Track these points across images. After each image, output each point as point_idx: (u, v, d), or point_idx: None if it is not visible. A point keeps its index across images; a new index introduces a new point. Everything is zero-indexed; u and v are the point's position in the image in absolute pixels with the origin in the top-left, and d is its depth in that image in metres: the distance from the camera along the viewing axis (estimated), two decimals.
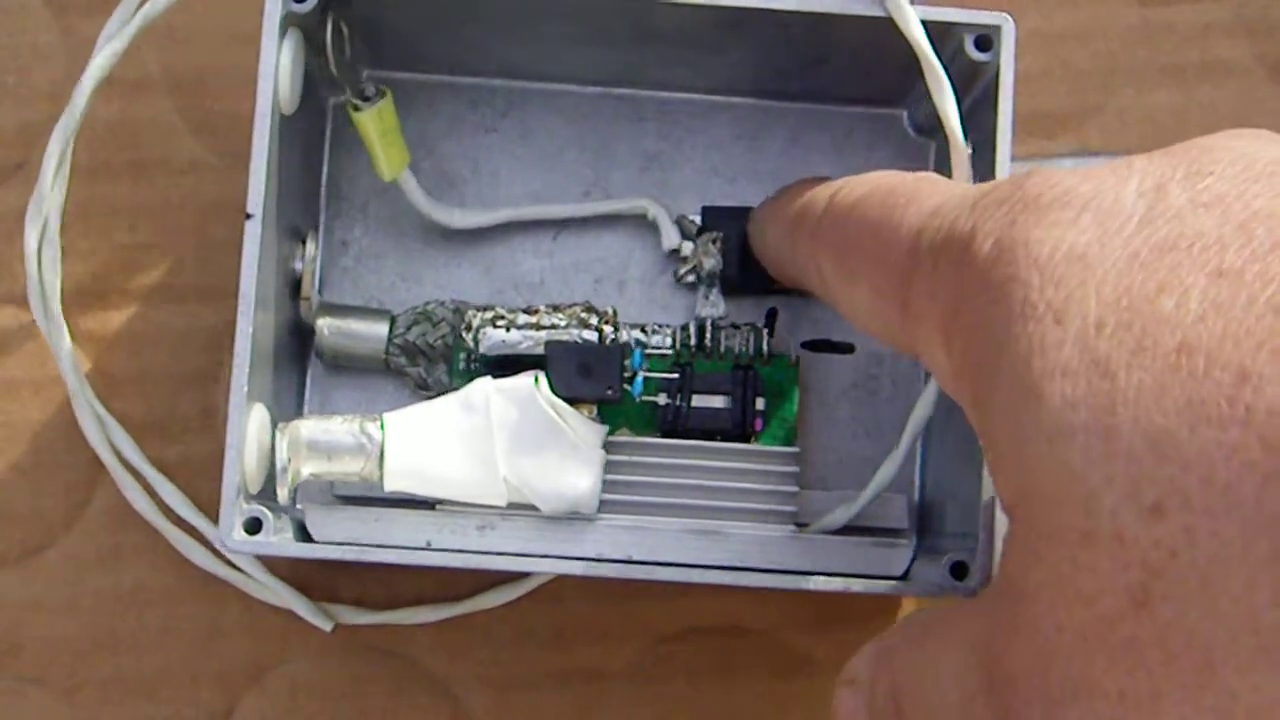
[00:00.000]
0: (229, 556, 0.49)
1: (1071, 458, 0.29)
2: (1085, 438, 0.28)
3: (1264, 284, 0.28)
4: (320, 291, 0.49)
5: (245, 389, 0.41)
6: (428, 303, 0.48)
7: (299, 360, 0.49)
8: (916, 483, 0.49)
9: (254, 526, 0.41)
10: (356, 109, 0.46)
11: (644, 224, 0.50)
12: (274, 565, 0.49)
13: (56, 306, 0.48)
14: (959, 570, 0.42)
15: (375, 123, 0.46)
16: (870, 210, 0.38)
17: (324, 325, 0.47)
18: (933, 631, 0.35)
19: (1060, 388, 0.29)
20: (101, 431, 0.49)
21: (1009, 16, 0.43)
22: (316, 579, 0.50)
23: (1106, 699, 0.28)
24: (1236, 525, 0.26)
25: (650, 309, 0.50)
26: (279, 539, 0.41)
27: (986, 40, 0.43)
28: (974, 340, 0.32)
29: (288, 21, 0.43)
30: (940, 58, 0.42)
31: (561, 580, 0.50)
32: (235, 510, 0.41)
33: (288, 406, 0.47)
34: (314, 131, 0.49)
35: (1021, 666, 0.30)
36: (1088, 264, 0.30)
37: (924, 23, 0.42)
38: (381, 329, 0.48)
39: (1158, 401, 0.28)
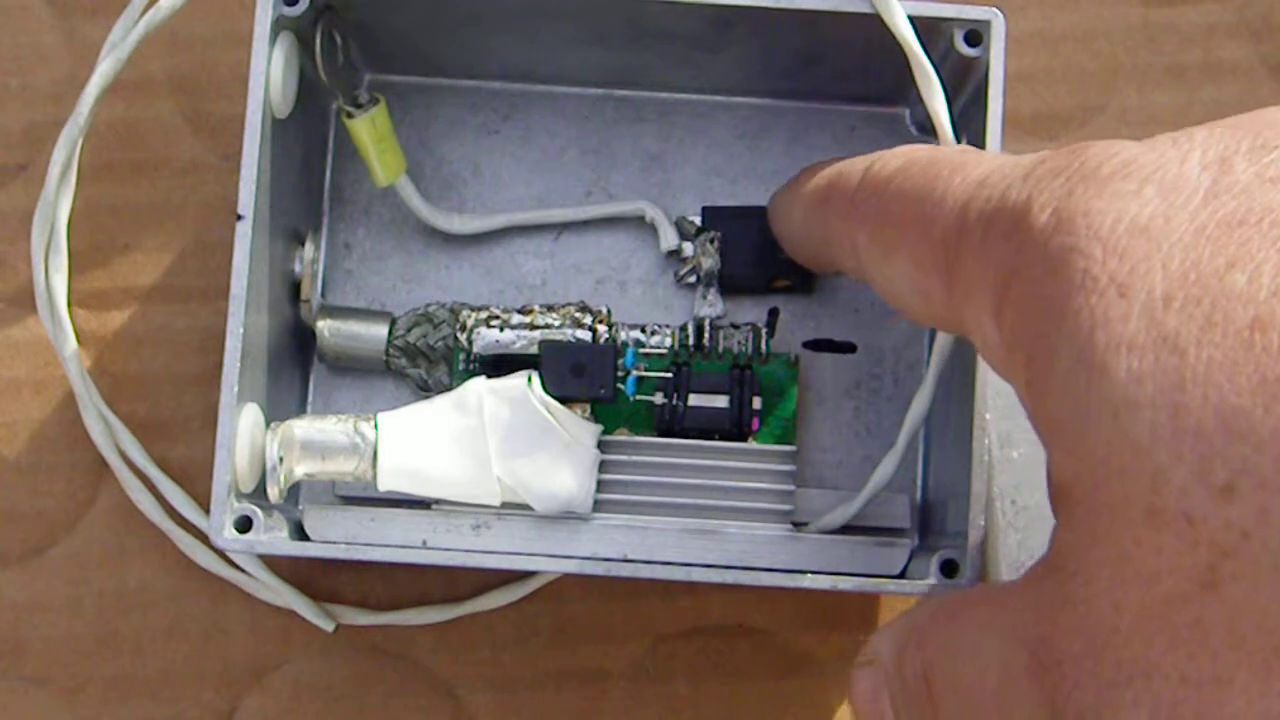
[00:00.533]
0: (231, 556, 0.49)
1: (1139, 434, 0.28)
2: (1153, 414, 0.28)
3: None
4: (323, 293, 0.49)
5: (235, 389, 0.41)
6: (428, 305, 0.48)
7: (302, 362, 0.49)
8: (919, 482, 0.49)
9: (245, 525, 0.41)
10: (349, 116, 0.46)
11: (645, 224, 0.49)
12: (276, 566, 0.49)
13: (63, 309, 0.49)
14: (949, 568, 0.41)
15: (368, 130, 0.46)
16: (910, 181, 0.37)
17: (324, 327, 0.48)
18: (969, 612, 0.34)
19: (1126, 362, 0.28)
20: (107, 432, 0.49)
21: (998, 11, 0.43)
22: (319, 580, 0.50)
23: (1167, 682, 0.28)
24: None
25: (652, 309, 0.50)
26: (270, 537, 0.42)
27: (976, 35, 0.43)
28: (1029, 313, 0.31)
29: (279, 25, 0.43)
30: (931, 55, 0.42)
31: (563, 581, 0.50)
32: (226, 508, 0.41)
33: (289, 407, 0.48)
34: (315, 135, 0.49)
35: (1073, 648, 0.29)
36: (1152, 237, 0.29)
37: (912, 19, 0.42)
38: (382, 331, 0.48)
39: (1230, 378, 0.27)
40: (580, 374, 0.44)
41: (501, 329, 0.46)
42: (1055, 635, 0.30)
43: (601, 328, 0.46)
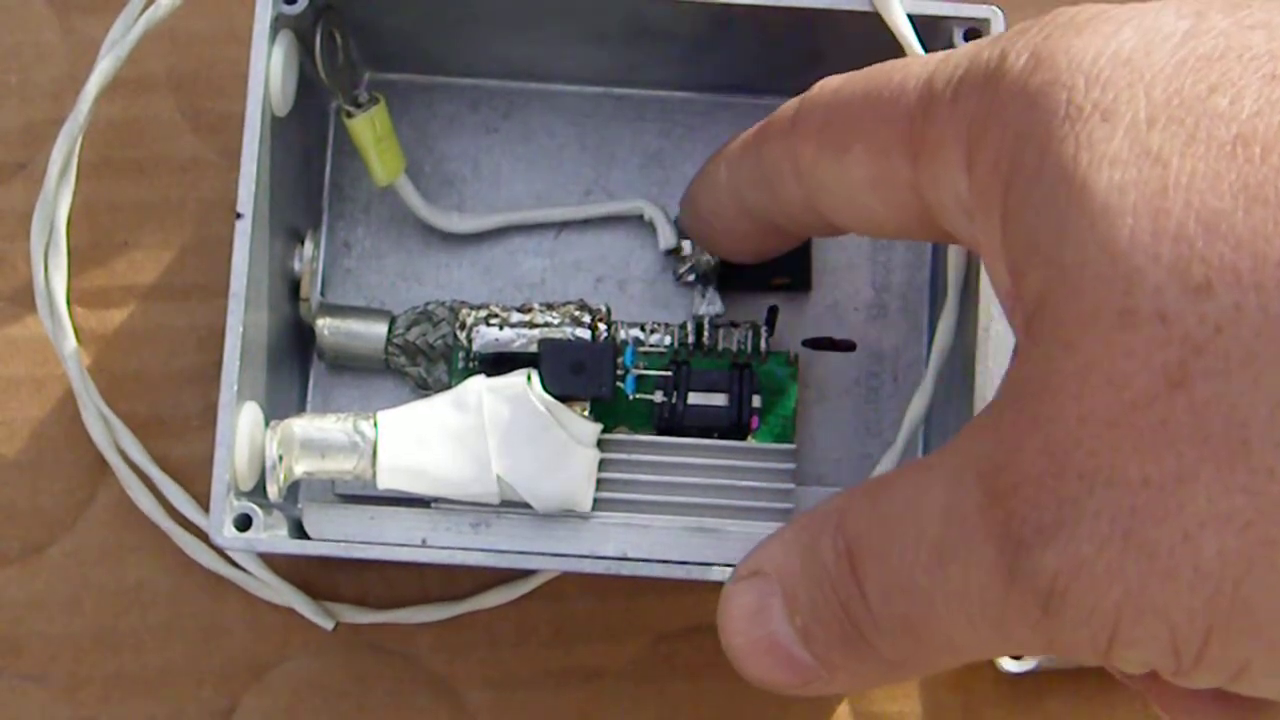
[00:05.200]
0: (230, 554, 0.49)
1: (1117, 239, 0.28)
2: (1134, 219, 0.28)
3: None
4: (323, 292, 0.49)
5: (235, 387, 0.41)
6: (427, 303, 0.48)
7: (301, 360, 0.49)
8: None
9: (244, 523, 0.41)
10: (349, 116, 0.46)
11: (644, 223, 0.49)
12: (275, 564, 0.49)
13: (62, 307, 0.48)
14: None
15: (368, 129, 0.46)
16: (859, 83, 0.37)
17: (324, 325, 0.48)
18: (899, 481, 0.33)
19: (1109, 174, 0.29)
20: (106, 430, 0.49)
21: (998, 10, 0.42)
22: (318, 578, 0.50)
23: (1128, 487, 0.28)
24: None
25: (652, 308, 0.50)
26: (269, 536, 0.42)
27: (976, 33, 0.43)
28: (1007, 148, 0.31)
29: (279, 23, 0.43)
30: (928, 52, 0.42)
31: (562, 579, 0.50)
32: (225, 507, 0.41)
33: (289, 406, 0.47)
34: (315, 133, 0.49)
35: (1031, 469, 0.29)
36: (1134, 67, 0.30)
37: (912, 17, 0.42)
38: (381, 329, 0.48)
39: (1212, 186, 0.28)
40: (580, 372, 0.44)
41: (501, 327, 0.46)
42: (1014, 460, 0.29)
43: (601, 326, 0.46)
